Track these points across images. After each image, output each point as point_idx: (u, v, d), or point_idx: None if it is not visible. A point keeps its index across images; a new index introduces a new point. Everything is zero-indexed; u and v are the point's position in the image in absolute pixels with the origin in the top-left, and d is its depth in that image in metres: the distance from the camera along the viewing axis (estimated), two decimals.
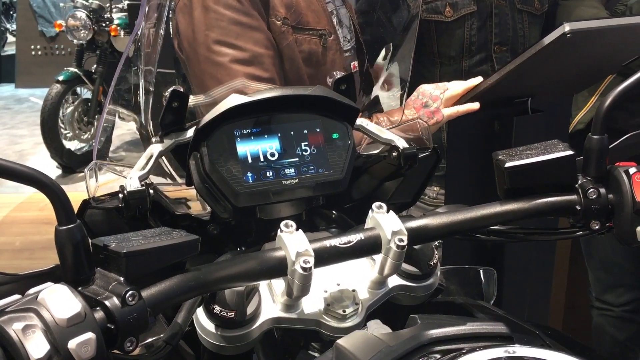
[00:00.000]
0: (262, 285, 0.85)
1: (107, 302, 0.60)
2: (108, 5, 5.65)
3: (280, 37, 1.32)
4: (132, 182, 0.91)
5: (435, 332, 0.69)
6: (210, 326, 0.81)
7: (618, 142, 0.86)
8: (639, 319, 2.15)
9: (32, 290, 0.58)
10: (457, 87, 1.46)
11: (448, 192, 1.52)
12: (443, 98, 1.44)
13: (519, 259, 1.52)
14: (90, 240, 0.63)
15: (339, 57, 1.43)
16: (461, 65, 1.75)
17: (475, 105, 1.41)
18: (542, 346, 0.64)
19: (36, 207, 4.54)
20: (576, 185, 0.82)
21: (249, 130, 0.93)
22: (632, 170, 0.78)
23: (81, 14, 5.44)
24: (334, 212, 1.07)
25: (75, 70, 5.46)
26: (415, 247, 0.90)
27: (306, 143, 0.96)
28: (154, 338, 0.86)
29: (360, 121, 1.08)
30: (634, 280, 2.07)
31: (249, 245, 1.02)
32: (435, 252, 0.93)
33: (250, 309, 0.81)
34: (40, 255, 3.92)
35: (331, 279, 0.88)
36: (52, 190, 0.58)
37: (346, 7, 1.52)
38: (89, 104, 5.61)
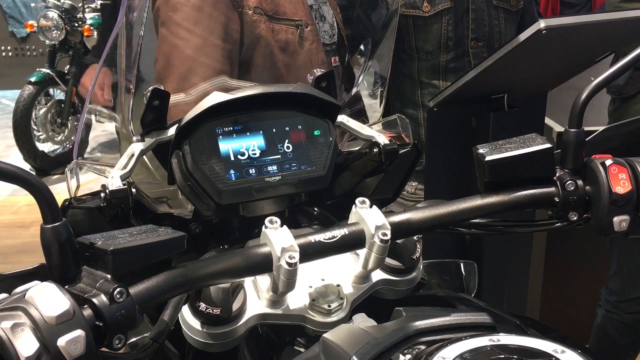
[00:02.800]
0: (247, 282, 0.86)
1: (94, 300, 0.59)
2: (80, 5, 5.58)
3: (252, 26, 1.36)
4: (113, 181, 0.91)
5: (421, 324, 0.70)
6: (195, 324, 0.81)
7: (594, 135, 0.88)
8: None
9: (19, 289, 0.57)
10: None
11: (427, 187, 1.54)
12: None
13: (497, 252, 1.55)
14: (76, 239, 0.63)
15: (316, 47, 1.46)
16: (438, 60, 1.77)
17: None
18: (524, 334, 0.66)
19: (10, 210, 4.47)
20: (554, 178, 0.83)
21: (231, 128, 0.94)
22: (608, 162, 0.80)
23: (53, 14, 5.36)
24: (315, 209, 1.08)
25: (48, 71, 5.38)
26: (398, 241, 0.91)
27: (288, 140, 0.96)
28: (138, 337, 0.86)
29: (341, 118, 1.09)
30: None
31: (231, 244, 1.02)
32: (418, 246, 0.94)
33: (235, 306, 0.82)
34: (14, 259, 3.86)
35: (316, 275, 0.89)
36: (37, 189, 0.58)
37: (330, 4, 1.54)
38: (62, 105, 5.53)
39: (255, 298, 0.85)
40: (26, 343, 0.53)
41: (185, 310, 0.82)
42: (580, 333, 2.29)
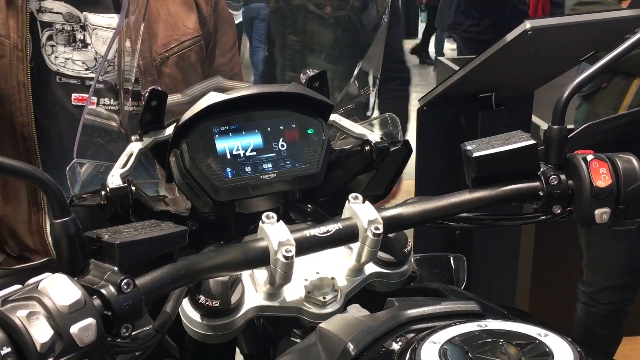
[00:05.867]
0: (245, 275, 0.89)
1: (103, 290, 0.62)
2: None
3: None
4: (113, 180, 0.93)
5: (412, 312, 0.73)
6: (195, 316, 0.84)
7: (576, 132, 0.92)
8: (621, 318, 2.24)
9: (32, 280, 0.60)
10: None
11: (418, 184, 1.58)
12: None
13: (486, 246, 1.58)
14: (83, 233, 0.66)
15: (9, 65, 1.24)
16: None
17: None
18: (510, 321, 0.69)
19: None
20: (539, 173, 0.87)
21: (227, 127, 0.96)
22: (589, 157, 0.84)
23: None
24: (309, 205, 1.11)
25: None
26: (390, 235, 0.94)
27: (283, 139, 0.99)
28: (139, 330, 0.88)
29: (334, 116, 1.12)
30: (623, 280, 2.16)
31: (227, 240, 1.05)
32: (409, 239, 0.98)
33: (234, 298, 0.85)
34: None
35: (311, 268, 0.92)
36: (47, 185, 0.61)
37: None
38: None
39: (252, 291, 0.88)
40: (41, 330, 0.56)
41: (186, 303, 0.85)
42: (568, 325, 2.33)
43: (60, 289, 0.58)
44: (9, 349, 0.54)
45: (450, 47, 9.43)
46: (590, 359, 0.60)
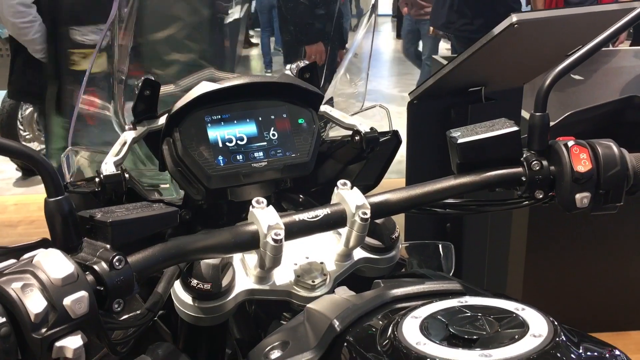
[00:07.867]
0: (236, 259, 0.91)
1: (95, 267, 0.64)
2: None
3: None
4: (107, 167, 0.95)
5: (397, 292, 0.75)
6: (187, 298, 0.86)
7: (559, 120, 0.94)
8: None
9: (26, 255, 0.62)
10: None
11: (408, 178, 1.60)
12: None
13: (477, 235, 1.60)
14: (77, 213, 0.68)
15: None
16: None
17: None
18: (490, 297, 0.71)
19: None
20: (521, 159, 0.89)
21: (219, 116, 0.98)
22: (570, 143, 0.86)
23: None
24: (300, 195, 1.13)
25: None
26: (377, 221, 0.96)
27: (274, 128, 1.01)
28: (131, 314, 0.90)
29: (324, 107, 1.14)
30: None
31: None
32: (397, 226, 1.00)
33: (225, 282, 0.87)
34: None
35: (300, 253, 0.94)
36: (41, 164, 0.63)
37: None
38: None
39: (243, 275, 0.90)
40: (35, 302, 0.58)
41: (178, 286, 0.87)
42: (561, 313, 2.34)
43: (54, 263, 0.60)
44: (4, 319, 0.56)
45: (445, 47, 9.42)
46: (563, 330, 0.62)
